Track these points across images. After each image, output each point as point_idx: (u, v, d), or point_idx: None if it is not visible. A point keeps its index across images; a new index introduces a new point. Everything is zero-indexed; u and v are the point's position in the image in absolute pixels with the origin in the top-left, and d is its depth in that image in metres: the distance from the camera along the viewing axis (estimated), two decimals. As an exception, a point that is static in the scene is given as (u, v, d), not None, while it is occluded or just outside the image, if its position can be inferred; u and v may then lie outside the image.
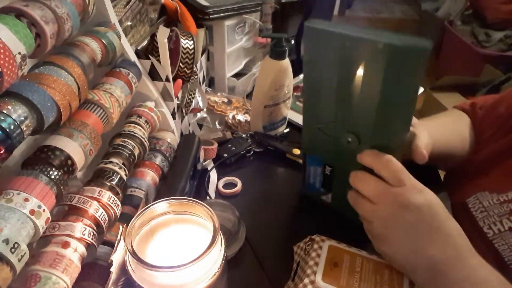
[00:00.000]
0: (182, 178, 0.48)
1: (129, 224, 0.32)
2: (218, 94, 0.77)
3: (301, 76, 0.90)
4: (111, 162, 0.40)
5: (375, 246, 0.40)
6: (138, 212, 0.33)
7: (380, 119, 0.38)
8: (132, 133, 0.45)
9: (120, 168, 0.40)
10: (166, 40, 0.50)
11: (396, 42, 0.33)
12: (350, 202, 0.42)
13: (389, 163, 0.38)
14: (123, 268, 0.33)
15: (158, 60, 0.51)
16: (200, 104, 0.69)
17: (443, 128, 0.59)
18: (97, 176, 0.39)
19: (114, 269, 0.32)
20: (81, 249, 0.32)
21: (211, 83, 0.82)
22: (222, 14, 0.69)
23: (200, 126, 0.71)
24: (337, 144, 0.43)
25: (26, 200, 0.28)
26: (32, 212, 0.27)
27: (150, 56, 0.51)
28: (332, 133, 0.44)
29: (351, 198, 0.42)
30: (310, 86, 0.43)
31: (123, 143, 0.43)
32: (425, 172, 0.44)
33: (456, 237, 0.35)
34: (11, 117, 0.28)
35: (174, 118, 0.57)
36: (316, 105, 0.43)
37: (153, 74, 0.52)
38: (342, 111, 0.41)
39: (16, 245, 0.25)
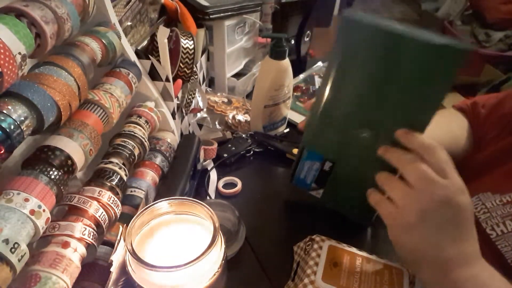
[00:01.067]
0: (182, 178, 0.48)
1: (129, 224, 0.32)
2: (218, 94, 0.77)
3: (301, 76, 0.89)
4: (111, 162, 0.40)
5: (392, 234, 0.37)
6: (138, 212, 0.33)
7: (406, 115, 0.38)
8: (132, 133, 0.45)
9: (120, 168, 0.40)
10: (166, 40, 0.50)
11: (446, 41, 0.34)
12: (378, 181, 0.39)
13: (437, 151, 0.35)
14: (123, 268, 0.33)
15: (158, 60, 0.51)
16: (200, 104, 0.69)
17: (430, 131, 0.58)
18: (97, 176, 0.39)
19: (114, 269, 0.32)
20: (81, 249, 0.32)
21: (211, 83, 0.82)
22: (222, 14, 0.69)
23: (200, 126, 0.71)
24: (347, 139, 0.42)
25: (26, 200, 0.28)
26: (32, 212, 0.27)
27: (150, 56, 0.51)
28: (343, 128, 0.43)
29: (381, 177, 0.39)
30: (334, 78, 0.40)
31: (123, 143, 0.43)
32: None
33: (473, 242, 0.35)
34: (11, 117, 0.28)
35: (174, 118, 0.57)
36: (335, 98, 0.42)
37: (153, 74, 0.52)
38: (365, 105, 0.40)
39: (16, 245, 0.25)
